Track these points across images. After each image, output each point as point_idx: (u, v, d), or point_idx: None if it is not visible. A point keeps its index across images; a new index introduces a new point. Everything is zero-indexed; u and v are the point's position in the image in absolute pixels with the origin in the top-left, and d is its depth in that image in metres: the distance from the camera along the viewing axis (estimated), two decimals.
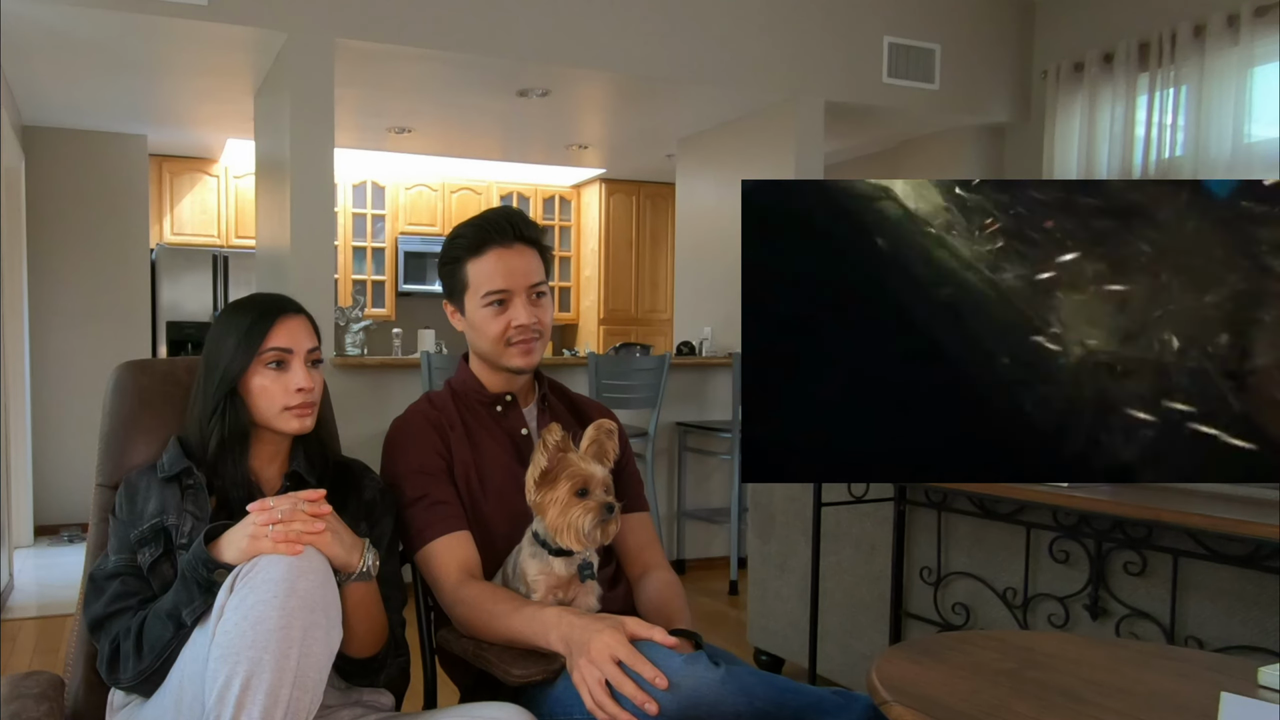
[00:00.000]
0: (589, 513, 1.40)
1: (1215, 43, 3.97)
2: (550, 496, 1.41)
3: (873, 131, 5.25)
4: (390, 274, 6.83)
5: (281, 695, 1.12)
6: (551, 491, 1.41)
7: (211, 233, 6.28)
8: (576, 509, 1.40)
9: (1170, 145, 4.19)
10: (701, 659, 1.24)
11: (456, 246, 1.59)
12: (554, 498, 1.41)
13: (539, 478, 1.42)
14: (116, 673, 1.31)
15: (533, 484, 1.42)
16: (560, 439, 1.41)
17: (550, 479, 1.42)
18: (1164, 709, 1.11)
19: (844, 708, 1.24)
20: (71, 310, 5.45)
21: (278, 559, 1.19)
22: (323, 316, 3.71)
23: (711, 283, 5.15)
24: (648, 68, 4.27)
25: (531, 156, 6.28)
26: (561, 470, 1.42)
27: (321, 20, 3.78)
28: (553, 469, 1.42)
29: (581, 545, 1.41)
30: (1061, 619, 2.14)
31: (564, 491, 1.40)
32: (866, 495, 2.58)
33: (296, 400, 1.41)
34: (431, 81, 4.44)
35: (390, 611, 1.41)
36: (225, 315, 1.46)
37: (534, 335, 1.58)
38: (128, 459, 1.54)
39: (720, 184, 5.16)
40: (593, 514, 1.40)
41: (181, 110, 5.07)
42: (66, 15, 3.58)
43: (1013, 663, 1.25)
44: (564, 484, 1.41)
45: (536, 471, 1.42)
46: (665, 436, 4.52)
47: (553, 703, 1.34)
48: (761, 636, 3.09)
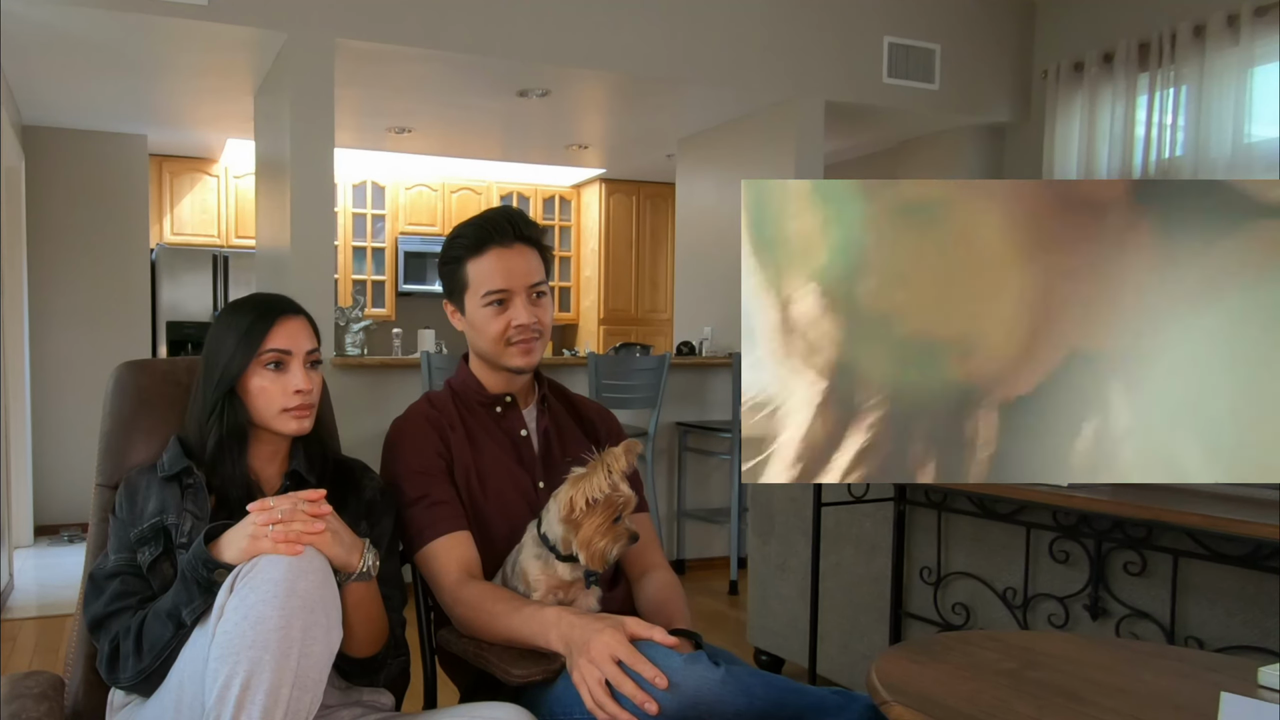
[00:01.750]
0: (619, 540, 1.40)
1: (1215, 43, 3.97)
2: (592, 515, 1.40)
3: (873, 131, 5.25)
4: (390, 274, 6.83)
5: (281, 695, 1.12)
6: (592, 513, 1.40)
7: (211, 233, 6.29)
8: (609, 535, 1.40)
9: (1170, 145, 4.19)
10: (701, 659, 1.24)
11: (457, 246, 1.59)
12: (593, 518, 1.40)
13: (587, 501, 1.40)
14: (116, 672, 1.31)
15: (583, 504, 1.40)
16: (625, 469, 1.40)
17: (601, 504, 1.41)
18: (1164, 709, 1.11)
19: (844, 708, 1.25)
20: (71, 310, 5.45)
21: (278, 559, 1.19)
22: (323, 316, 3.70)
23: (711, 283, 5.15)
24: (648, 68, 4.27)
25: (531, 156, 6.28)
26: (611, 496, 1.41)
27: (321, 20, 3.78)
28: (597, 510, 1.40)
29: (600, 567, 1.42)
30: (1061, 619, 2.14)
31: (602, 515, 1.40)
32: (866, 495, 2.58)
33: (295, 401, 1.41)
34: (431, 81, 4.44)
35: (390, 611, 1.41)
36: (225, 315, 1.46)
37: (534, 335, 1.58)
38: (128, 459, 1.54)
39: (720, 184, 5.16)
40: (622, 541, 1.41)
41: (181, 110, 5.07)
42: (66, 15, 3.58)
43: (1013, 663, 1.25)
44: (605, 508, 1.40)
45: (594, 490, 1.39)
46: (665, 436, 4.52)
47: (553, 703, 1.34)
48: (761, 636, 3.09)
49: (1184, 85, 4.12)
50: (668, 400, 4.35)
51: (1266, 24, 3.82)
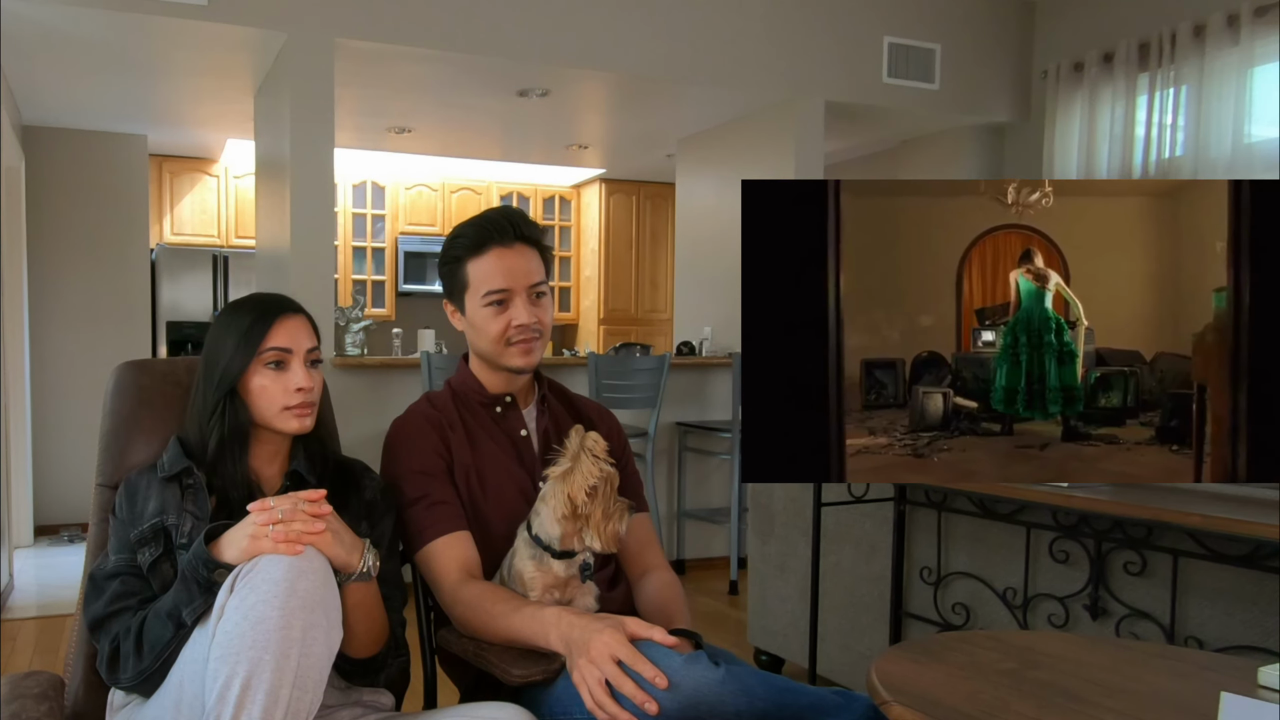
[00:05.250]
0: (624, 515, 1.42)
1: (1215, 43, 3.97)
2: (595, 502, 1.41)
3: (873, 131, 5.25)
4: (390, 274, 6.83)
5: (281, 695, 1.12)
6: (595, 500, 1.41)
7: (211, 233, 6.28)
8: (615, 513, 1.42)
9: (1170, 145, 4.19)
10: (701, 659, 1.24)
11: (457, 246, 1.59)
12: (598, 502, 1.41)
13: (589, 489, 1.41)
14: (116, 673, 1.31)
15: (584, 496, 1.41)
16: (605, 448, 1.43)
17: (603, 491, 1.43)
18: (1164, 709, 1.11)
19: (844, 708, 1.24)
20: (71, 310, 5.45)
21: (278, 559, 1.19)
22: (323, 316, 3.70)
23: (711, 283, 5.15)
24: (648, 68, 4.27)
25: (531, 156, 6.28)
26: (607, 480, 1.43)
27: (321, 20, 3.78)
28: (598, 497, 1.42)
29: (614, 547, 1.43)
30: (1061, 619, 2.14)
31: (604, 498, 1.41)
32: (866, 495, 2.58)
33: (296, 400, 1.41)
34: (431, 81, 4.44)
35: (390, 611, 1.41)
36: (225, 315, 1.46)
37: (534, 335, 1.58)
38: (128, 459, 1.54)
39: (720, 184, 5.16)
40: (627, 515, 1.43)
41: (181, 110, 5.07)
42: (66, 15, 3.58)
43: (1013, 663, 1.25)
44: (604, 490, 1.42)
45: (587, 483, 1.40)
46: (665, 436, 4.52)
47: (553, 703, 1.34)
48: (761, 636, 3.09)
49: (1184, 85, 4.11)
50: (668, 400, 4.35)
51: (1266, 24, 3.82)
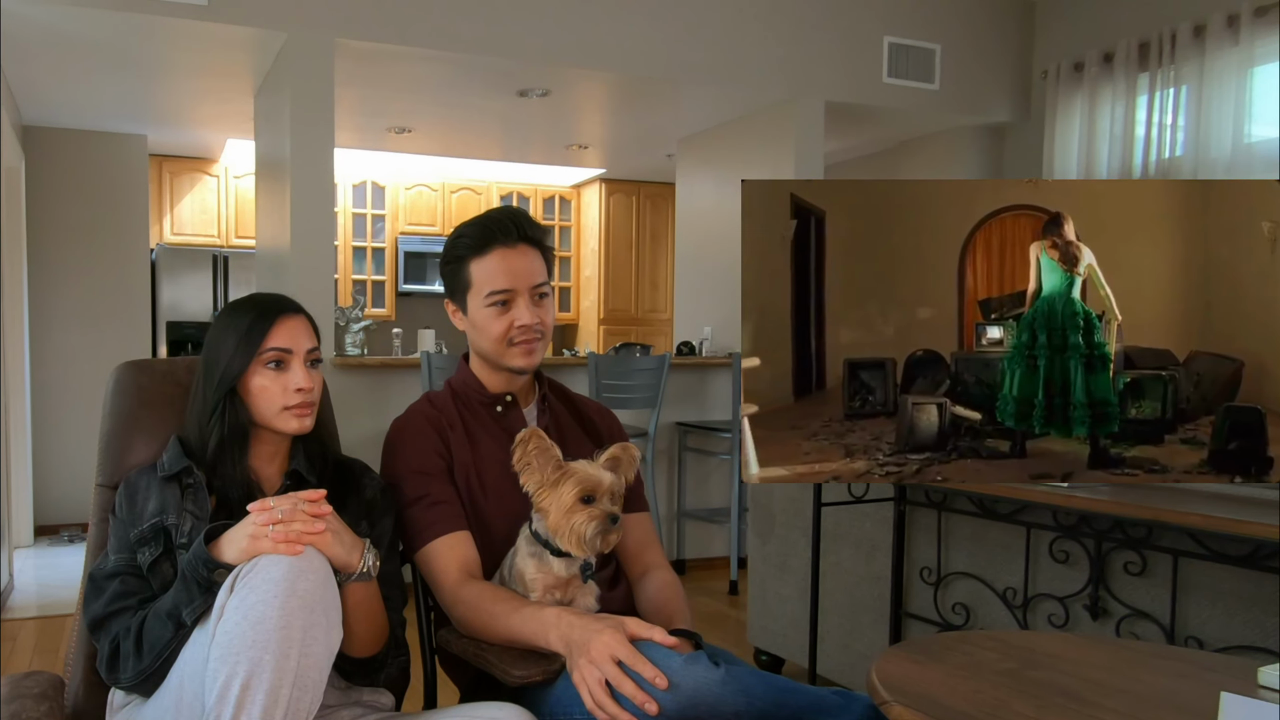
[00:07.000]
0: (592, 520, 1.38)
1: (1215, 43, 3.97)
2: (552, 496, 1.41)
3: (873, 131, 5.25)
4: (390, 274, 6.83)
5: (281, 695, 1.12)
6: (554, 491, 1.41)
7: (211, 233, 6.28)
8: (580, 514, 1.38)
9: (1170, 145, 4.19)
10: (701, 659, 1.24)
11: (460, 246, 1.59)
12: (557, 498, 1.40)
13: (538, 481, 1.41)
14: (116, 672, 1.31)
15: (532, 485, 1.42)
16: (536, 444, 1.41)
17: (554, 480, 1.41)
18: (1164, 709, 1.11)
19: (844, 708, 1.24)
20: (71, 310, 5.45)
21: (278, 559, 1.19)
22: (323, 316, 3.70)
23: (711, 283, 5.15)
24: (648, 68, 4.27)
25: (531, 156, 6.28)
26: (568, 473, 1.41)
27: (321, 20, 3.78)
28: (534, 468, 1.41)
29: (581, 552, 1.40)
30: (1061, 619, 2.14)
31: (569, 494, 1.39)
32: (866, 495, 2.58)
33: (296, 400, 1.41)
34: (431, 81, 4.44)
35: (390, 611, 1.41)
36: (224, 315, 1.46)
37: (536, 335, 1.58)
38: (128, 459, 1.54)
39: (720, 184, 5.16)
40: (596, 521, 1.38)
41: (181, 110, 5.07)
42: (66, 15, 3.58)
43: (1013, 663, 1.25)
44: (570, 487, 1.39)
45: (526, 478, 1.42)
46: (665, 436, 4.52)
47: (553, 703, 1.34)
48: (761, 636, 3.09)
49: (1184, 85, 4.11)
50: (668, 400, 4.35)
51: (1266, 24, 3.82)
